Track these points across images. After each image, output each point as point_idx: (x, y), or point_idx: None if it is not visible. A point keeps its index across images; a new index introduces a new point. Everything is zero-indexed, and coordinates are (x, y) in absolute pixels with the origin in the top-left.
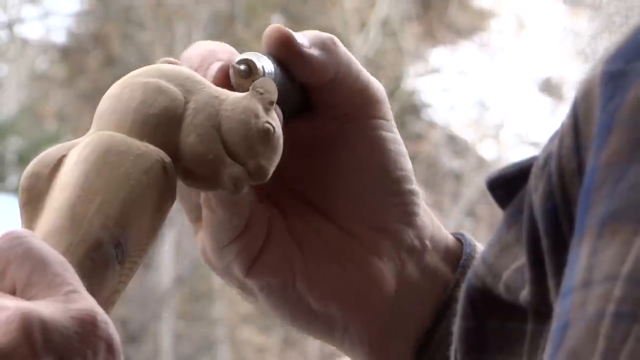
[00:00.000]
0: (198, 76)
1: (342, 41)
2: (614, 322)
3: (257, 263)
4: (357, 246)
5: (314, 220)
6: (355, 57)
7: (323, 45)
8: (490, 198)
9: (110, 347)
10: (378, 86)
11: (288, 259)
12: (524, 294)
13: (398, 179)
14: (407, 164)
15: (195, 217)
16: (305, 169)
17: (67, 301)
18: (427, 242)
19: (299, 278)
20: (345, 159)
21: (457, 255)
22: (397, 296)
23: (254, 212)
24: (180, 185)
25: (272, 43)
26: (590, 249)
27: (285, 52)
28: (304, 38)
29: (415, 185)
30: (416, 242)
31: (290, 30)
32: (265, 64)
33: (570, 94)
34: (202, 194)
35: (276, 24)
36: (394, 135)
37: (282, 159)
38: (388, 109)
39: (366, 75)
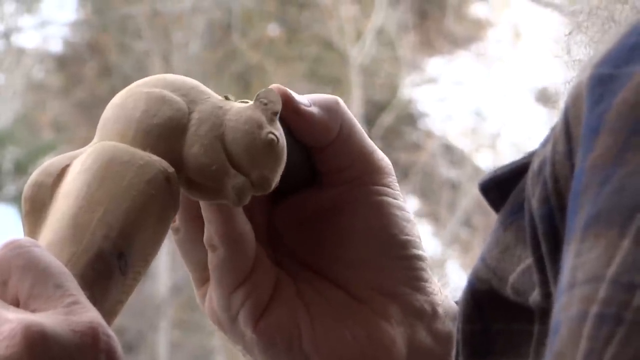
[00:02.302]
0: (202, 86)
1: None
2: (597, 323)
3: (264, 318)
4: (365, 310)
5: (321, 285)
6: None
7: (324, 105)
8: (486, 208)
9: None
10: (383, 155)
11: (295, 319)
12: (534, 296)
13: (404, 243)
14: (414, 230)
15: (201, 278)
16: (311, 236)
17: (69, 313)
18: (439, 309)
19: (306, 339)
20: (351, 225)
21: None
22: None
23: (260, 259)
24: (185, 242)
25: None
26: (575, 251)
27: (283, 109)
28: (304, 98)
29: (422, 252)
30: (426, 307)
31: (290, 90)
32: None
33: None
34: (205, 234)
35: (276, 84)
36: (399, 202)
37: (287, 228)
38: (394, 179)
39: (371, 142)
